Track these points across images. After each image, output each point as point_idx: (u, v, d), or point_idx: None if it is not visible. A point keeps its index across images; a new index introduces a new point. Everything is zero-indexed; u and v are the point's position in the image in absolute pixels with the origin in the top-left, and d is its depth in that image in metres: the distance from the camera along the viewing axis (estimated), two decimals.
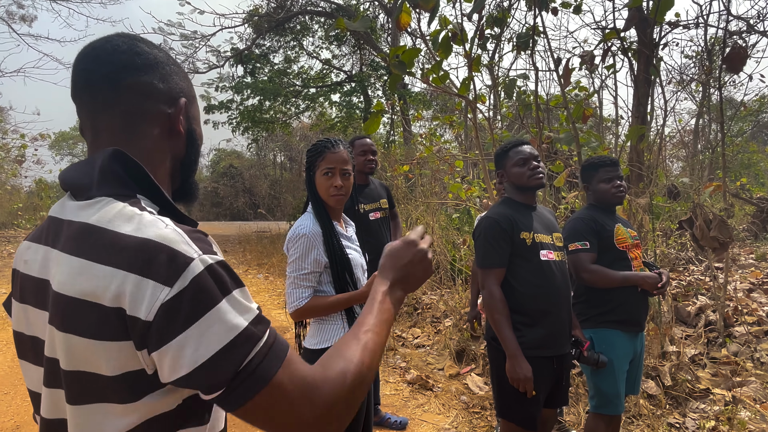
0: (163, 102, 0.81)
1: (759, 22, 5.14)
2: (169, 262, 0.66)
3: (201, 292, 0.66)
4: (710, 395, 3.36)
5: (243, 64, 14.27)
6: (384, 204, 3.42)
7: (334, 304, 1.87)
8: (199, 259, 0.67)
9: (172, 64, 0.85)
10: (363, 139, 3.37)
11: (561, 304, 2.13)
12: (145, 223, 0.70)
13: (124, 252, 0.67)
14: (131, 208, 0.72)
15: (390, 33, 14.64)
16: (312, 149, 1.98)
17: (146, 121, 0.80)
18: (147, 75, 0.80)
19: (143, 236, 0.67)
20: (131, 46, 0.80)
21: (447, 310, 5.28)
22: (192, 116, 0.88)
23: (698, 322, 4.36)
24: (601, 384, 2.37)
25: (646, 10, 4.65)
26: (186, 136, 0.86)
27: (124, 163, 0.76)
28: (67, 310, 0.68)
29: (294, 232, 1.88)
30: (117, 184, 0.75)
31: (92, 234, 0.70)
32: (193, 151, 0.89)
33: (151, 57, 0.81)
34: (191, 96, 0.88)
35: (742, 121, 17.15)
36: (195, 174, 0.93)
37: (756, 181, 14.16)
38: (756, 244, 8.33)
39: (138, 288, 0.65)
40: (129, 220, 0.70)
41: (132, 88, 0.79)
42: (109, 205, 0.72)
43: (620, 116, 8.20)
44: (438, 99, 15.22)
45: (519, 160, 2.21)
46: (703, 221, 3.79)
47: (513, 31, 6.81)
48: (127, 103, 0.78)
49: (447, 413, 3.49)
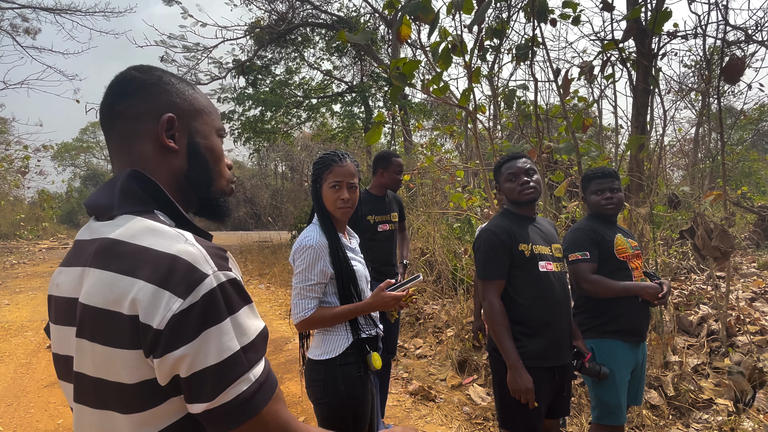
0: (149, 121, 0.84)
1: (757, 32, 5.17)
2: (186, 276, 0.70)
3: (209, 307, 0.71)
4: (713, 405, 3.34)
5: (245, 76, 14.36)
6: (394, 218, 3.51)
7: (339, 315, 1.88)
8: (213, 276, 0.72)
9: (165, 83, 0.87)
10: (399, 159, 3.48)
11: (561, 315, 2.14)
12: (168, 237, 0.74)
13: (147, 264, 0.71)
14: (152, 222, 0.77)
15: (390, 44, 14.75)
16: (319, 162, 2.00)
17: (139, 142, 0.84)
18: (133, 98, 0.85)
19: (166, 251, 0.72)
20: (125, 75, 0.86)
21: (449, 320, 5.27)
22: (195, 130, 0.89)
23: (701, 332, 4.35)
24: (603, 395, 2.37)
25: (645, 22, 4.69)
26: (186, 150, 0.88)
27: (141, 182, 0.81)
28: (94, 320, 0.73)
29: (300, 244, 1.89)
30: (136, 201, 0.80)
31: (115, 247, 0.75)
32: (197, 164, 0.89)
33: (139, 81, 0.85)
34: (191, 111, 0.89)
35: (742, 130, 17.18)
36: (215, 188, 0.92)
37: (757, 189, 14.15)
38: (758, 253, 8.31)
39: (155, 297, 0.69)
40: (152, 233, 0.75)
41: (122, 114, 0.85)
42: (131, 221, 0.77)
43: (620, 126, 8.23)
44: (438, 109, 15.29)
45: (509, 175, 2.23)
46: (704, 230, 3.79)
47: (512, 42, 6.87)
48: (121, 128, 0.85)
49: (449, 424, 3.48)
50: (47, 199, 21.76)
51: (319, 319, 1.87)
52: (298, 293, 1.88)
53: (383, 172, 3.42)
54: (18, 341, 5.66)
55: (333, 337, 1.90)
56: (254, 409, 0.74)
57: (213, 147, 0.92)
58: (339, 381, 1.84)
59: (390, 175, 3.42)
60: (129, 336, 0.70)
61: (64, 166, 37.00)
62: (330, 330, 1.91)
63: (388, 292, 1.92)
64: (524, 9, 5.47)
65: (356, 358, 1.89)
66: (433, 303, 6.03)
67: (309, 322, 1.88)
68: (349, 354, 1.88)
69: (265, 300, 7.89)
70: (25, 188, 22.19)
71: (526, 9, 4.97)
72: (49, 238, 19.72)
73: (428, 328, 5.46)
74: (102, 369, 0.73)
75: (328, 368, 1.86)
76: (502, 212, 2.29)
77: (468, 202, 6.38)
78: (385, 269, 3.33)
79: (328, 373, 1.85)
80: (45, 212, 21.30)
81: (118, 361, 0.72)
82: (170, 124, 0.85)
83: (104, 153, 39.91)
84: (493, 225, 2.18)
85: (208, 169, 0.91)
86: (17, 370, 4.73)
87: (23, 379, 4.47)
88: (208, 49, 14.38)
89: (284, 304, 7.42)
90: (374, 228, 3.35)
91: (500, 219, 2.22)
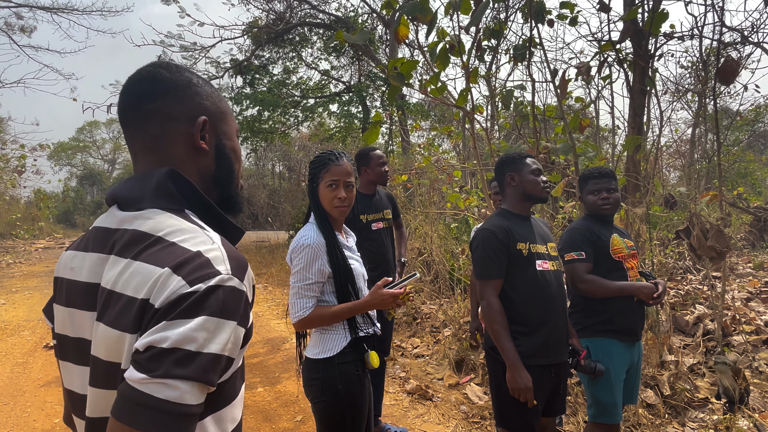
0: (184, 122, 0.88)
1: (753, 33, 5.20)
2: (200, 269, 0.73)
3: (207, 298, 0.72)
4: (709, 404, 3.36)
5: (242, 75, 14.36)
6: (388, 215, 3.46)
7: (337, 314, 1.88)
8: (225, 276, 0.74)
9: (195, 85, 0.90)
10: (377, 151, 3.44)
11: (557, 313, 2.15)
12: (197, 237, 0.78)
13: (171, 256, 0.74)
14: (182, 220, 0.81)
15: (388, 45, 14.75)
16: (316, 161, 2.01)
17: (171, 142, 0.87)
18: (166, 99, 0.87)
19: (192, 248, 0.76)
20: (153, 74, 0.88)
21: (446, 319, 5.28)
22: (222, 132, 0.93)
23: (696, 331, 4.37)
24: (599, 393, 2.39)
25: (641, 23, 4.72)
26: (215, 151, 0.92)
27: (177, 181, 0.85)
28: (113, 305, 0.75)
29: (298, 243, 1.90)
30: (168, 198, 0.83)
31: (145, 240, 0.77)
32: (224, 165, 0.94)
33: (170, 82, 0.88)
34: (218, 113, 0.93)
35: (738, 131, 17.26)
36: (234, 187, 0.97)
37: (753, 190, 14.21)
38: (753, 253, 8.35)
39: (167, 280, 0.72)
40: (182, 231, 0.78)
41: (154, 113, 0.87)
42: (160, 216, 0.80)
43: (617, 126, 8.26)
44: (436, 109, 15.31)
45: (536, 170, 2.25)
46: (700, 231, 3.81)
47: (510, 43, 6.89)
48: (152, 127, 0.87)
49: (447, 423, 3.49)
50: (43, 199, 21.71)
51: (317, 318, 1.87)
52: (296, 292, 1.88)
53: (366, 169, 3.39)
54: (14, 341, 5.65)
55: (331, 336, 1.91)
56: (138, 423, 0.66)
57: (236, 148, 0.97)
58: (337, 380, 1.84)
59: (373, 169, 3.38)
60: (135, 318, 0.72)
61: (61, 165, 36.92)
62: (328, 329, 1.91)
63: (386, 290, 1.93)
64: (522, 10, 5.49)
65: (354, 356, 1.89)
66: (430, 303, 6.05)
67: (307, 321, 1.88)
68: (347, 353, 1.88)
69: (262, 300, 7.88)
70: (22, 188, 22.13)
71: (523, 10, 4.99)
72: (45, 237, 19.68)
73: (425, 328, 5.47)
74: (114, 353, 0.75)
75: (326, 367, 1.86)
76: (500, 212, 2.30)
77: (465, 202, 6.39)
78: (382, 268, 3.31)
79: (326, 371, 1.85)
80: (41, 212, 21.25)
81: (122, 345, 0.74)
82: (204, 126, 0.89)
83: (101, 152, 39.81)
84: (491, 224, 2.19)
85: (232, 169, 0.95)
86: (14, 369, 4.72)
87: (20, 379, 4.47)
88: (205, 49, 14.37)
89: (282, 304, 7.42)
90: (368, 227, 3.32)
91: (498, 218, 2.23)
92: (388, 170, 3.47)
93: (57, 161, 36.54)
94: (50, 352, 5.23)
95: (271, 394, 4.04)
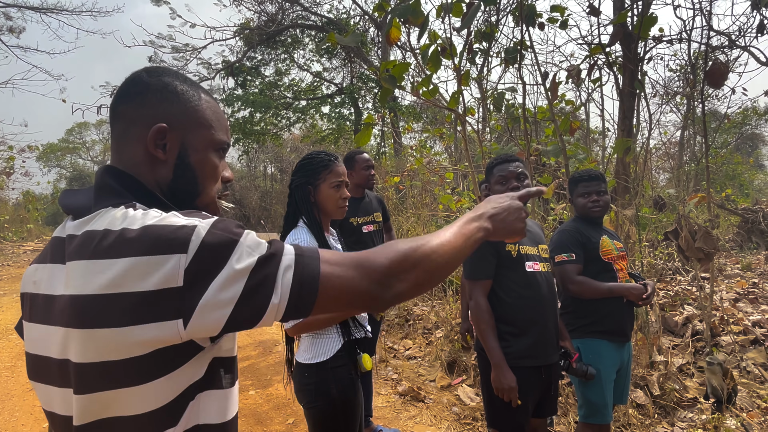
0: (143, 126, 0.84)
1: (740, 37, 5.27)
2: (175, 234, 0.71)
3: (215, 245, 0.71)
4: (698, 404, 3.40)
5: (234, 77, 14.32)
6: (378, 217, 3.45)
7: (331, 318, 1.86)
8: (200, 226, 0.72)
9: (169, 92, 0.86)
10: (363, 154, 3.43)
11: (547, 314, 2.17)
12: (140, 216, 0.74)
13: (132, 242, 0.71)
14: (132, 210, 0.77)
15: (380, 47, 14.78)
16: (315, 162, 1.99)
17: (131, 145, 0.85)
18: (134, 101, 0.85)
19: (142, 225, 0.72)
20: (134, 77, 0.87)
21: (438, 321, 5.29)
22: (189, 143, 0.88)
23: (685, 332, 4.42)
24: (589, 394, 2.40)
25: (631, 26, 4.77)
26: (175, 162, 0.87)
27: (116, 176, 0.82)
28: (90, 307, 0.71)
29: None
30: (112, 195, 0.80)
31: (95, 237, 0.74)
32: (183, 178, 0.88)
33: (143, 85, 0.86)
34: (188, 123, 0.87)
35: (726, 133, 17.47)
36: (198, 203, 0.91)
37: (741, 191, 14.40)
38: (741, 254, 8.45)
39: (151, 265, 0.69)
40: (132, 217, 0.75)
41: (123, 115, 0.86)
42: (108, 213, 0.77)
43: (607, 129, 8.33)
44: (428, 111, 15.35)
45: (500, 178, 2.24)
46: (688, 232, 3.86)
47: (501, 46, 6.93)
48: (119, 128, 0.87)
49: (438, 424, 3.50)
50: (32, 201, 21.47)
51: (312, 322, 1.84)
52: None
53: (351, 173, 3.37)
54: (2, 344, 5.58)
55: (324, 340, 1.89)
56: (314, 276, 0.74)
57: (206, 162, 0.90)
58: (331, 383, 1.83)
59: (359, 172, 3.37)
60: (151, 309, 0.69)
61: (50, 167, 36.51)
62: (320, 334, 1.90)
63: None
64: (513, 13, 5.53)
65: (347, 360, 1.88)
66: (422, 304, 6.06)
67: (302, 326, 1.84)
68: (340, 356, 1.87)
69: None
70: (10, 189, 21.85)
71: (514, 13, 5.02)
72: (33, 239, 19.46)
73: (417, 330, 5.48)
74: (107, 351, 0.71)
75: (319, 371, 1.84)
76: None
77: (457, 204, 6.41)
78: None
79: (320, 376, 1.84)
80: (30, 214, 21.00)
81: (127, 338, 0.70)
82: (161, 134, 0.84)
83: (90, 154, 39.48)
84: None
85: (194, 183, 0.89)
86: (1, 373, 4.67)
87: (8, 383, 4.41)
88: (197, 50, 14.31)
89: None
90: (359, 230, 3.31)
91: None
92: (374, 174, 3.44)
93: (46, 163, 36.14)
94: None
95: (262, 396, 4.02)
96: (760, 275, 6.73)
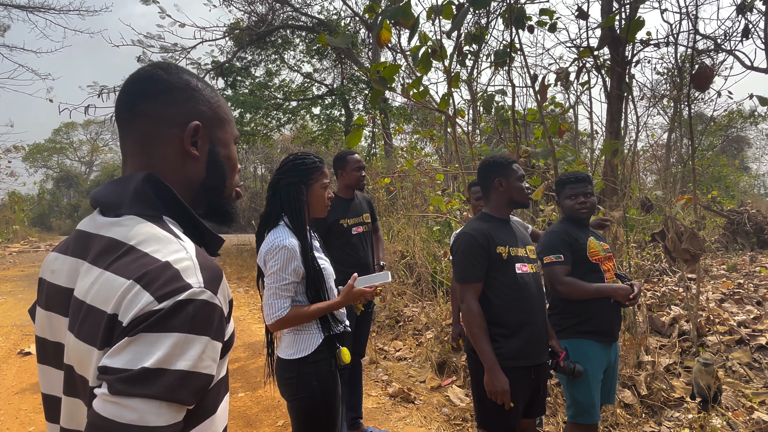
0: (175, 125, 0.85)
1: (726, 41, 5.35)
2: (170, 283, 0.70)
3: (173, 313, 0.68)
4: (684, 403, 3.44)
5: (224, 77, 14.23)
6: (367, 218, 3.41)
7: (314, 313, 1.93)
8: (196, 289, 0.71)
9: (192, 89, 0.87)
10: (354, 155, 3.38)
11: (537, 315, 2.18)
12: (169, 246, 0.75)
13: (141, 268, 0.71)
14: (158, 228, 0.78)
15: (371, 48, 14.78)
16: (309, 163, 2.05)
17: (161, 145, 0.85)
18: (159, 101, 0.84)
19: (162, 258, 0.72)
20: (150, 75, 0.86)
21: (428, 322, 5.31)
22: (217, 139, 0.90)
23: (672, 332, 4.47)
24: (577, 394, 2.43)
25: (619, 30, 4.82)
26: (207, 158, 0.89)
27: (156, 187, 0.82)
28: (84, 317, 0.73)
29: (273, 244, 1.92)
30: (146, 205, 0.81)
31: (118, 249, 0.75)
32: (215, 173, 0.90)
33: (166, 83, 0.85)
34: (215, 119, 0.89)
35: (712, 136, 17.70)
36: (226, 197, 0.94)
37: (726, 193, 14.59)
38: (727, 256, 8.57)
39: (135, 297, 0.69)
40: (156, 240, 0.75)
41: (146, 114, 0.84)
42: (137, 224, 0.78)
43: (595, 131, 8.41)
44: (418, 113, 15.38)
45: (522, 176, 2.28)
46: (675, 233, 3.90)
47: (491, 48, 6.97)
48: (142, 129, 0.85)
49: (429, 425, 3.50)
50: (18, 202, 21.19)
51: (293, 318, 1.92)
52: (273, 293, 1.91)
53: (342, 173, 3.34)
54: None
55: (305, 336, 1.96)
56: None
57: (231, 156, 0.93)
58: (312, 377, 1.91)
59: (349, 173, 3.32)
60: (104, 333, 0.70)
61: (36, 167, 36.01)
62: (301, 330, 1.96)
63: (357, 288, 2.03)
64: (502, 16, 5.57)
65: (327, 354, 1.96)
66: (413, 305, 6.06)
67: (284, 321, 1.91)
68: (320, 351, 1.95)
69: (243, 304, 7.81)
70: None
71: (504, 16, 5.06)
72: (20, 241, 19.19)
73: (408, 331, 5.49)
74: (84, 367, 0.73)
75: (300, 366, 1.92)
76: (480, 215, 2.32)
77: (447, 205, 6.43)
78: (362, 272, 3.28)
79: (301, 370, 1.92)
80: (16, 215, 20.72)
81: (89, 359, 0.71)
82: (196, 131, 0.85)
83: (78, 154, 39.03)
84: (472, 228, 2.22)
85: (224, 178, 0.92)
86: None
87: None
88: (186, 50, 14.20)
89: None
90: (348, 231, 3.28)
91: (478, 222, 2.26)
92: (365, 175, 3.40)
93: (32, 163, 35.66)
94: (25, 358, 5.11)
95: (252, 399, 4.01)
96: (745, 276, 6.83)
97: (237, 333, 5.88)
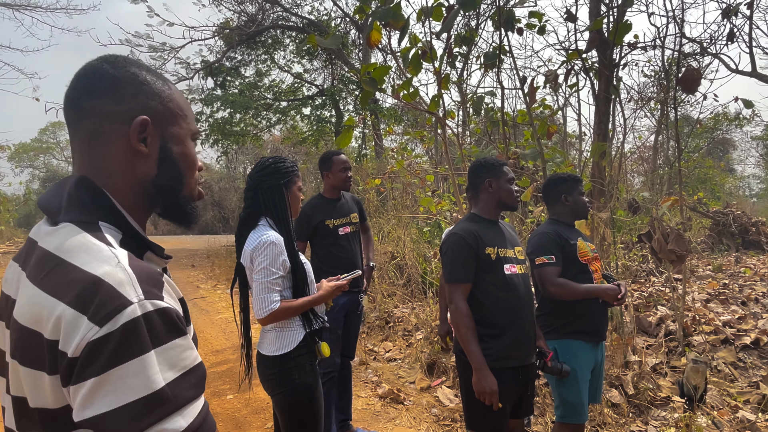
0: (121, 122, 0.80)
1: (711, 45, 5.42)
2: (106, 303, 0.66)
3: (129, 337, 0.65)
4: (671, 403, 3.48)
5: (213, 77, 14.13)
6: (354, 218, 3.38)
7: (301, 306, 2.03)
8: (138, 305, 0.67)
9: (141, 83, 0.82)
10: (341, 155, 3.34)
11: (525, 316, 2.20)
12: (99, 257, 0.71)
13: (71, 286, 0.68)
14: (90, 238, 0.73)
15: (361, 49, 14.78)
16: (289, 166, 2.14)
17: (105, 143, 0.80)
18: (105, 97, 0.79)
19: (92, 272, 0.68)
20: (96, 70, 0.81)
21: (418, 323, 5.31)
22: (169, 135, 0.84)
23: (659, 332, 4.52)
24: (566, 394, 2.44)
25: (606, 33, 4.86)
26: (158, 156, 0.83)
27: (89, 190, 0.78)
28: (18, 337, 0.70)
29: (260, 241, 1.97)
30: (81, 210, 0.76)
31: (49, 263, 0.72)
32: (168, 171, 0.85)
33: (112, 78, 0.80)
34: (166, 114, 0.84)
35: (698, 138, 17.92)
36: (183, 195, 0.88)
37: (712, 195, 14.77)
38: (712, 256, 8.68)
39: (73, 323, 0.65)
40: (86, 251, 0.71)
41: (91, 112, 0.79)
42: (70, 234, 0.74)
43: (583, 133, 8.49)
44: (409, 114, 15.40)
45: (511, 178, 2.30)
46: (661, 234, 3.95)
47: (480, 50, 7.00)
48: (87, 126, 0.80)
49: (418, 426, 3.51)
50: (3, 202, 20.88)
51: (283, 311, 1.99)
52: (263, 288, 1.96)
53: (328, 174, 3.30)
54: None
55: (288, 332, 2.04)
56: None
57: (187, 153, 0.87)
58: (293, 371, 1.99)
59: (335, 174, 3.28)
60: (49, 360, 0.67)
61: (22, 167, 35.55)
62: (285, 327, 2.04)
63: (332, 282, 2.21)
64: (492, 18, 5.59)
65: (307, 349, 2.05)
66: (402, 306, 6.07)
67: (275, 315, 1.98)
68: (302, 347, 2.04)
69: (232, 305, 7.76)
70: None
71: (493, 18, 5.08)
72: (5, 241, 18.91)
73: (398, 332, 5.49)
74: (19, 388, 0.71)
75: (282, 362, 2.00)
76: (469, 216, 2.33)
77: (437, 206, 6.45)
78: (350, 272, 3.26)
79: (283, 366, 2.00)
80: (1, 215, 20.43)
81: (39, 384, 0.69)
82: (143, 127, 0.80)
83: (65, 154, 38.59)
84: (461, 229, 2.22)
85: (179, 176, 0.86)
86: None
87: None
88: (175, 49, 14.09)
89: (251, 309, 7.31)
90: (335, 232, 3.24)
91: (467, 223, 2.27)
92: (351, 176, 3.36)
93: (18, 163, 35.19)
94: None
95: (241, 401, 3.98)
96: (730, 276, 6.93)
97: (225, 335, 5.85)
